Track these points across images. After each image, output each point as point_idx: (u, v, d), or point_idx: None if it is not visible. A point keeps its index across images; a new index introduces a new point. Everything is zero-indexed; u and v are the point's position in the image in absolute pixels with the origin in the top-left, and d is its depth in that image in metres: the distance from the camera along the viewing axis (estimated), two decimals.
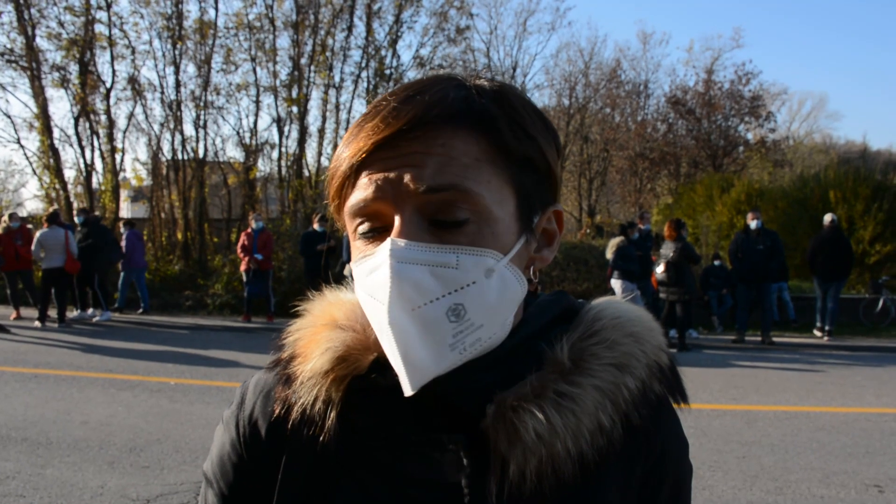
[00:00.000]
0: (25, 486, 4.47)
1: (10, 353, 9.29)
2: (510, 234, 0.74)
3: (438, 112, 0.71)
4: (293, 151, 19.42)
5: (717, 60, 26.21)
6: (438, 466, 0.75)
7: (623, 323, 0.81)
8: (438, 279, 0.68)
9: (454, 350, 0.69)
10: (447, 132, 0.71)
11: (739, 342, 11.23)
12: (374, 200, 0.71)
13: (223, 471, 0.87)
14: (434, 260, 0.69)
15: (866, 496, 4.57)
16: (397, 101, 0.73)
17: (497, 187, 0.73)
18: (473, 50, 26.11)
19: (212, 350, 9.99)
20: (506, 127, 0.74)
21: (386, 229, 0.72)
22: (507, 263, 0.73)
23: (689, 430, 0.81)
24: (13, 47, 17.80)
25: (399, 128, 0.70)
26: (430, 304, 0.68)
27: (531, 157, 0.76)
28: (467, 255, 0.70)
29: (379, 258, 0.70)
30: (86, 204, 17.93)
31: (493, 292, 0.71)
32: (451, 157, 0.70)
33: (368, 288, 0.72)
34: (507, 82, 0.80)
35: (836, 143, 46.46)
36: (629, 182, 27.06)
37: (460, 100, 0.73)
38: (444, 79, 0.76)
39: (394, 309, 0.68)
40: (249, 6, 18.57)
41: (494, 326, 0.72)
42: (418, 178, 0.69)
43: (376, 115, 0.73)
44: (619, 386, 0.76)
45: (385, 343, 0.70)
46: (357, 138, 0.73)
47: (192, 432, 5.70)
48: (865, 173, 17.78)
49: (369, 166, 0.72)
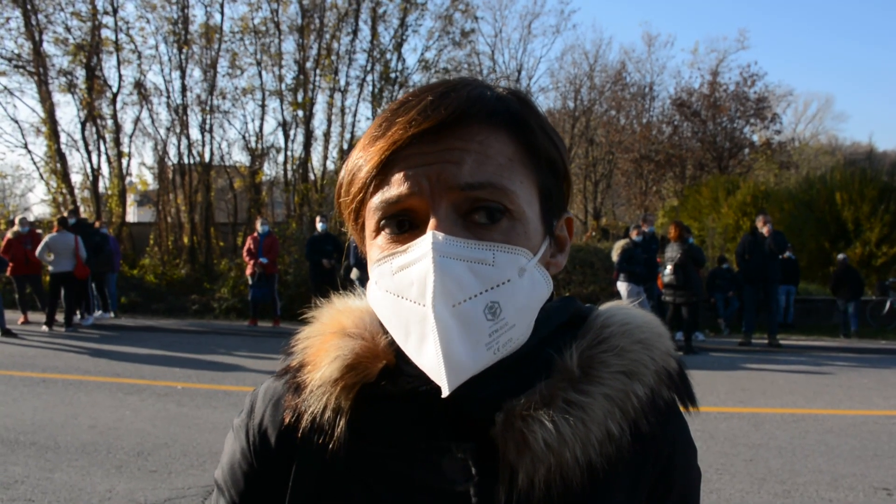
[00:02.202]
0: (34, 491, 4.49)
1: (19, 358, 9.33)
2: (537, 235, 0.75)
3: (479, 109, 0.72)
4: (299, 155, 19.48)
5: (723, 62, 26.18)
6: (447, 474, 0.75)
7: (632, 330, 0.80)
8: (476, 276, 0.68)
9: (489, 349, 0.68)
10: (485, 130, 0.72)
11: (746, 345, 11.21)
12: (410, 195, 0.70)
13: (234, 479, 0.87)
14: (473, 256, 0.69)
15: (875, 499, 4.55)
16: (434, 95, 0.72)
17: (528, 187, 0.74)
18: (478, 53, 26.21)
19: (218, 354, 10.02)
20: (537, 129, 0.76)
21: (415, 226, 0.72)
22: (536, 264, 0.74)
23: (697, 434, 0.81)
24: (20, 52, 17.98)
25: (440, 120, 0.70)
26: (469, 300, 0.68)
27: (555, 160, 0.78)
28: (503, 253, 0.70)
29: (417, 252, 0.69)
30: (93, 208, 18.02)
31: (525, 292, 0.72)
32: (487, 156, 0.71)
33: (396, 286, 0.71)
34: (519, 88, 0.81)
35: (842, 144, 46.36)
36: (634, 184, 27.01)
37: (496, 99, 0.74)
38: (472, 80, 0.77)
39: (438, 303, 0.67)
40: (255, 10, 18.68)
41: (523, 327, 0.72)
42: (457, 174, 0.69)
43: (410, 110, 0.72)
44: (629, 393, 0.75)
45: (420, 341, 0.69)
46: (389, 132, 0.72)
47: (200, 436, 5.71)
48: (872, 175, 17.73)
49: (403, 160, 0.71)
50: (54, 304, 12.17)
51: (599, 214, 28.51)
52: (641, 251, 11.00)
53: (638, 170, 26.27)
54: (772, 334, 11.20)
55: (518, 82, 29.11)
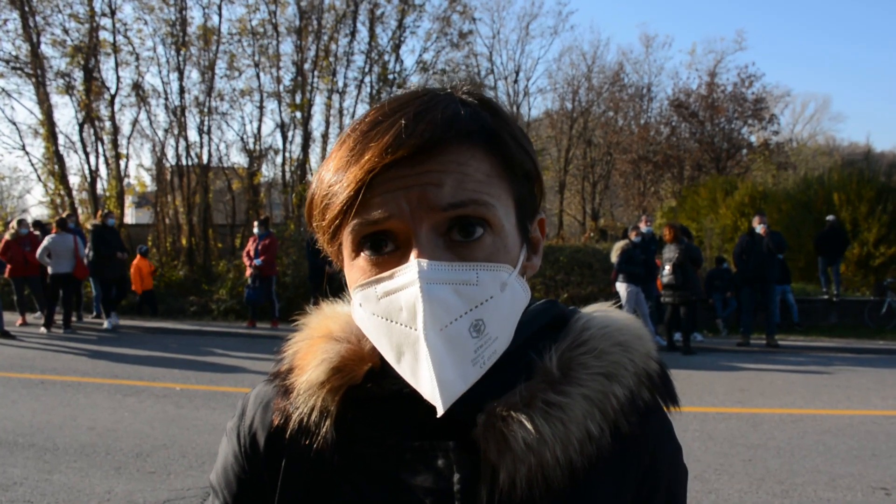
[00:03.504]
0: (33, 492, 4.49)
1: (17, 360, 9.33)
2: (515, 246, 0.76)
3: (455, 132, 0.71)
4: (297, 157, 19.50)
5: (720, 63, 26.19)
6: (431, 474, 0.77)
7: (611, 332, 0.81)
8: (461, 297, 0.69)
9: (475, 364, 0.69)
10: (462, 149, 0.72)
11: (744, 345, 11.23)
12: (389, 218, 0.70)
13: (227, 481, 0.90)
14: (457, 278, 0.69)
15: (873, 499, 4.56)
16: (406, 118, 0.71)
17: (504, 200, 0.74)
18: (476, 54, 26.24)
19: (217, 356, 10.03)
20: (510, 141, 0.76)
21: (396, 247, 0.72)
22: (516, 276, 0.75)
23: (695, 434, 0.82)
24: (18, 54, 17.98)
25: (417, 146, 0.69)
26: (455, 321, 0.68)
27: (528, 168, 0.78)
28: (486, 271, 0.71)
29: (403, 280, 0.69)
30: (91, 210, 18.00)
31: (507, 304, 0.73)
32: (466, 174, 0.71)
33: (384, 310, 0.71)
34: (484, 93, 0.80)
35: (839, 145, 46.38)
36: (632, 185, 27.02)
37: (470, 117, 0.73)
38: (443, 96, 0.75)
39: (429, 330, 0.67)
40: (253, 12, 18.68)
41: (505, 337, 0.73)
42: (438, 195, 0.69)
43: (384, 134, 0.70)
44: (608, 394, 0.76)
45: (414, 363, 0.70)
46: (363, 158, 0.71)
47: (198, 437, 5.72)
48: (869, 175, 17.77)
49: (381, 185, 0.70)
50: (53, 305, 12.16)
51: (597, 215, 28.52)
52: (640, 252, 11.03)
53: (636, 171, 26.28)
54: (770, 335, 11.21)
55: (516, 83, 29.18)
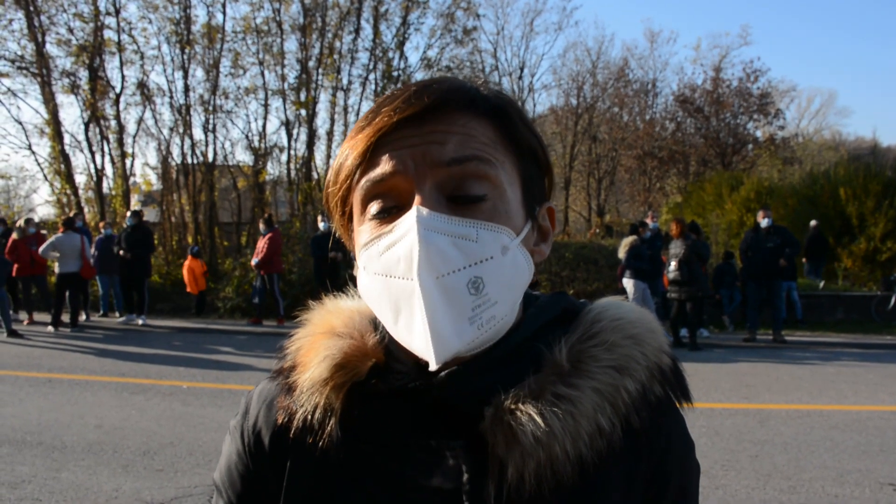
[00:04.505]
0: (41, 490, 4.51)
1: (24, 358, 9.37)
2: (519, 217, 0.77)
3: (460, 97, 0.75)
4: (302, 154, 19.53)
5: (725, 58, 26.19)
6: (438, 470, 0.75)
7: (623, 325, 0.80)
8: (460, 251, 0.70)
9: (473, 324, 0.69)
10: (467, 115, 0.75)
11: (751, 340, 11.19)
12: (394, 174, 0.72)
13: (231, 480, 0.89)
14: (456, 231, 0.70)
15: (881, 495, 4.54)
16: (416, 87, 0.75)
17: (509, 168, 0.76)
18: (481, 51, 26.23)
19: (223, 353, 10.05)
20: (517, 119, 0.78)
21: (401, 209, 0.73)
22: (519, 244, 0.75)
23: (702, 430, 0.81)
24: (24, 54, 18.05)
25: (424, 106, 0.72)
26: (453, 273, 0.69)
27: (535, 149, 0.80)
28: (486, 230, 0.71)
29: (402, 228, 0.71)
30: (97, 209, 18.07)
31: (508, 270, 0.73)
32: (470, 136, 0.74)
33: (384, 266, 0.72)
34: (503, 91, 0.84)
35: (845, 139, 46.15)
36: (638, 181, 27.01)
37: (476, 90, 0.77)
38: (455, 77, 0.80)
39: (423, 274, 0.68)
40: (257, 10, 18.72)
41: (507, 306, 0.73)
42: (441, 152, 0.72)
43: (395, 100, 0.74)
44: (619, 388, 0.75)
45: (409, 318, 0.70)
46: (375, 120, 0.74)
47: (205, 435, 5.73)
48: (876, 170, 17.68)
49: (389, 144, 0.73)
50: (60, 304, 12.20)
51: (603, 211, 28.50)
52: (646, 248, 11.01)
53: (641, 166, 26.26)
54: (776, 330, 11.18)
55: (521, 79, 29.12)
